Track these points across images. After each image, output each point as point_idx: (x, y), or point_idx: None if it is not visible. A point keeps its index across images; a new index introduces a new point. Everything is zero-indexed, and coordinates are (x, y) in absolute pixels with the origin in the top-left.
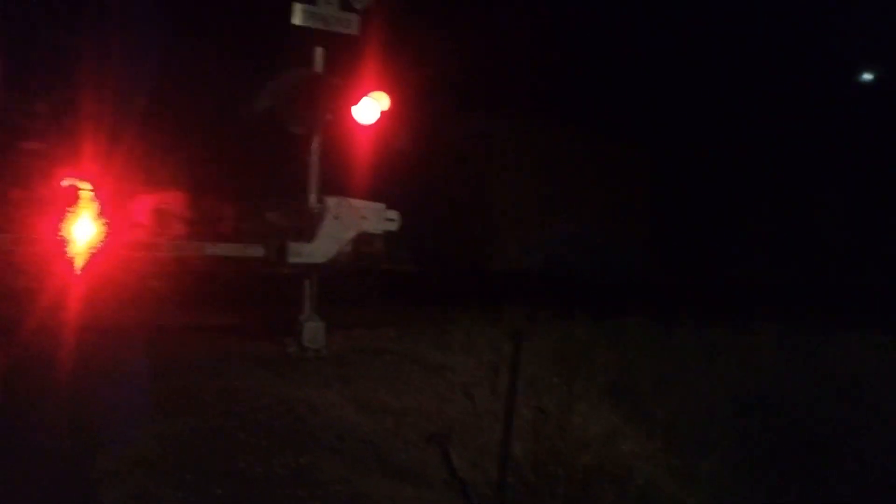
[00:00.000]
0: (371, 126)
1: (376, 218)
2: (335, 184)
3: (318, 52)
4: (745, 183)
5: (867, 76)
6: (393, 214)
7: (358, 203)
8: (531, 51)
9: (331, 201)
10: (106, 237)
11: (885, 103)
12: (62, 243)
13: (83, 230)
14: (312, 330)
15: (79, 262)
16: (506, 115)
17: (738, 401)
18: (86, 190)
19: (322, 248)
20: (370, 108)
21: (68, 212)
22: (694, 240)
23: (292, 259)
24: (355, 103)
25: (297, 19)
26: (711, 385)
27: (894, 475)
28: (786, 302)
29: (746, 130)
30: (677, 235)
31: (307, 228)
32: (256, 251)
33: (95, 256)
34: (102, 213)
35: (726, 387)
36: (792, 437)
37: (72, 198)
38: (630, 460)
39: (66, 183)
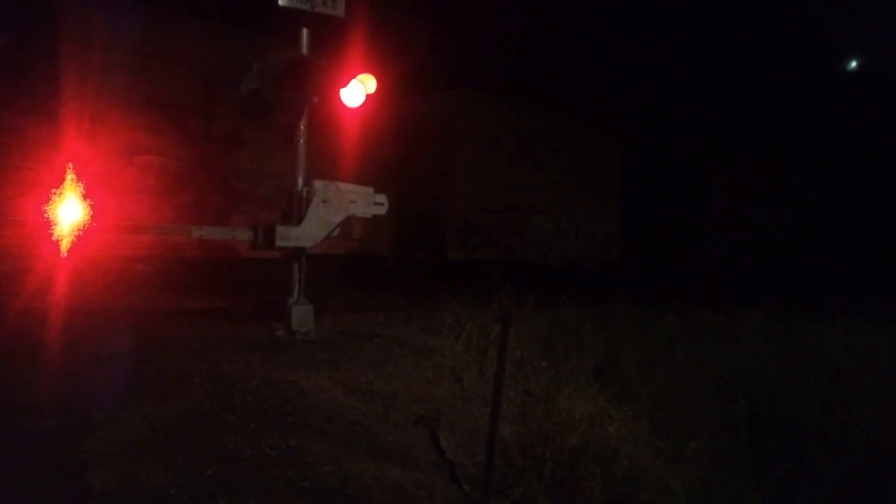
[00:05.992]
0: (357, 109)
1: (365, 202)
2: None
3: (304, 34)
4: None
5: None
6: (381, 198)
7: (346, 187)
8: None
9: (318, 185)
10: (91, 219)
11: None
12: (48, 225)
13: (69, 211)
14: (301, 314)
15: (65, 245)
16: None
17: (722, 384)
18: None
19: (310, 231)
20: (357, 91)
21: (54, 193)
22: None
23: (280, 243)
24: (343, 86)
25: (282, 0)
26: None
27: (874, 454)
28: (770, 289)
29: (737, 122)
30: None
31: (295, 212)
32: (244, 235)
33: (81, 238)
34: (87, 195)
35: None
36: (774, 418)
37: (57, 178)
38: (616, 442)
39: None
